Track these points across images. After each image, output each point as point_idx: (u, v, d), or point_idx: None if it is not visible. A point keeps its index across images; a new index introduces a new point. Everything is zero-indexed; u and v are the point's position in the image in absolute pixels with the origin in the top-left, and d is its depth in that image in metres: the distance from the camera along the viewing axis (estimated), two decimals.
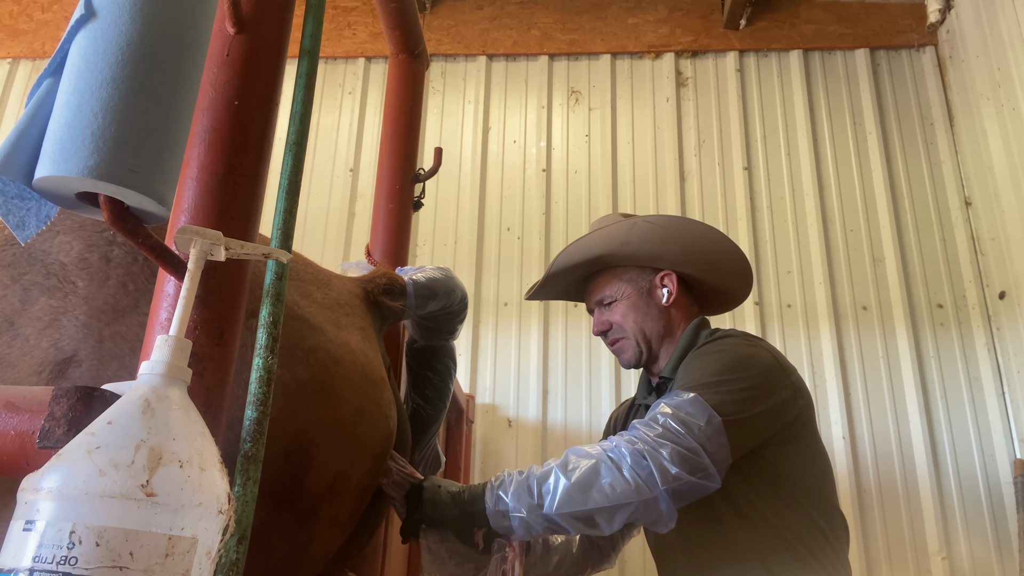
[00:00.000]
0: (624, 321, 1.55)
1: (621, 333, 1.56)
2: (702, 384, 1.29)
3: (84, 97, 0.68)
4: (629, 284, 1.57)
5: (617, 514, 1.18)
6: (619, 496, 1.17)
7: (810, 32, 3.74)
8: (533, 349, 3.27)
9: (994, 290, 3.16)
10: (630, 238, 1.53)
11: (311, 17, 1.02)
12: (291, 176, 0.94)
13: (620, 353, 1.58)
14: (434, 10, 3.90)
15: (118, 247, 0.99)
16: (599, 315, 1.60)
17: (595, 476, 1.18)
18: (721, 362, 1.35)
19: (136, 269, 0.98)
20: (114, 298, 0.95)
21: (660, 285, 1.56)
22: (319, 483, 1.04)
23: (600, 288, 1.60)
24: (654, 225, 1.54)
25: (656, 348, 1.55)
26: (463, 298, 1.50)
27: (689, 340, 1.50)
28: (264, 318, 0.87)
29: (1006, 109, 3.10)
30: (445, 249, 3.48)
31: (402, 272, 1.46)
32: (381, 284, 1.37)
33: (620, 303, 1.56)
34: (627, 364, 1.58)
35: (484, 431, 3.14)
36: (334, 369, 1.08)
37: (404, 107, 1.79)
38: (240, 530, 0.76)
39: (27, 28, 3.95)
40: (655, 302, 1.55)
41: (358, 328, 1.23)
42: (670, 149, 3.58)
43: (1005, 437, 2.98)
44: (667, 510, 1.19)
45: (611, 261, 1.58)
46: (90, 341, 0.91)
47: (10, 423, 0.70)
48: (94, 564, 0.51)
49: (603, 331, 1.59)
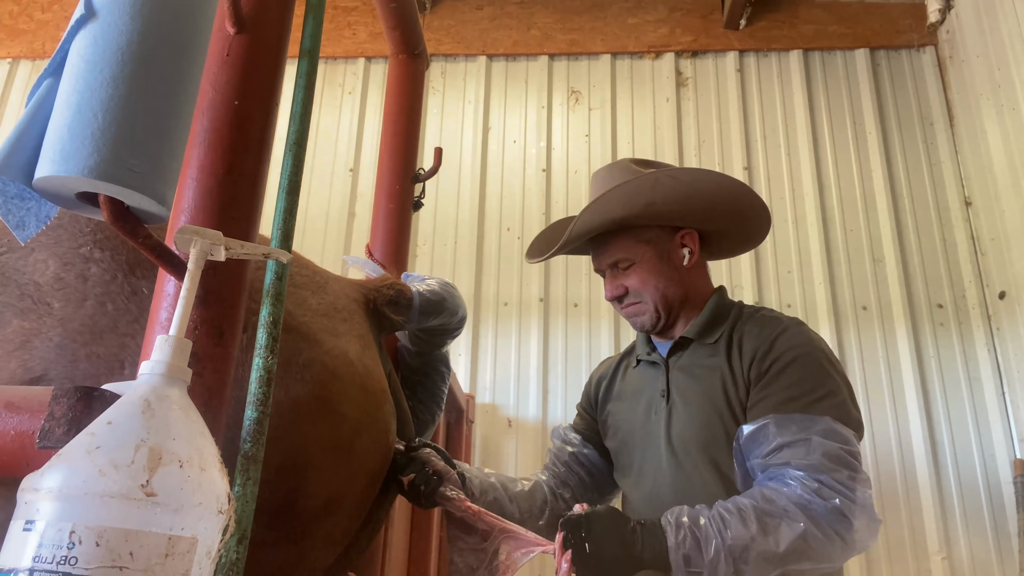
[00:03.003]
0: (643, 286, 1.44)
1: (638, 298, 1.45)
2: (818, 400, 1.27)
3: (84, 97, 0.68)
4: (649, 246, 1.45)
5: (823, 570, 1.19)
6: (822, 565, 1.17)
7: (810, 32, 3.74)
8: (533, 349, 3.27)
9: (994, 290, 3.16)
10: (654, 197, 1.40)
11: (311, 17, 1.02)
12: (291, 176, 0.94)
13: (635, 317, 1.48)
14: (434, 10, 3.90)
15: (96, 265, 0.96)
16: (613, 278, 1.48)
17: (801, 546, 1.14)
18: (818, 367, 1.32)
19: (115, 288, 0.95)
20: (91, 319, 0.92)
21: (680, 245, 1.47)
22: (313, 504, 1.00)
23: (615, 250, 1.46)
24: (678, 181, 1.42)
25: (676, 313, 1.47)
26: (463, 318, 1.47)
27: (718, 305, 1.46)
28: (264, 318, 0.87)
29: (1006, 109, 3.10)
30: (445, 249, 3.48)
31: (408, 281, 1.43)
32: (387, 295, 1.31)
33: (638, 266, 1.45)
34: (643, 329, 1.50)
35: (484, 431, 3.14)
36: (331, 384, 1.04)
37: (404, 107, 1.79)
38: (240, 530, 0.76)
39: (27, 28, 3.95)
40: (675, 264, 1.46)
41: (356, 336, 1.18)
42: (670, 149, 3.58)
43: (1005, 437, 2.98)
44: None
45: (631, 221, 1.44)
46: (62, 362, 0.88)
47: (10, 423, 0.70)
48: (94, 564, 0.50)
49: (618, 296, 1.47)
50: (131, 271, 0.96)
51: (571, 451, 1.59)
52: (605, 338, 3.26)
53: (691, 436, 1.37)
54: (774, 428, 1.25)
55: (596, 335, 3.28)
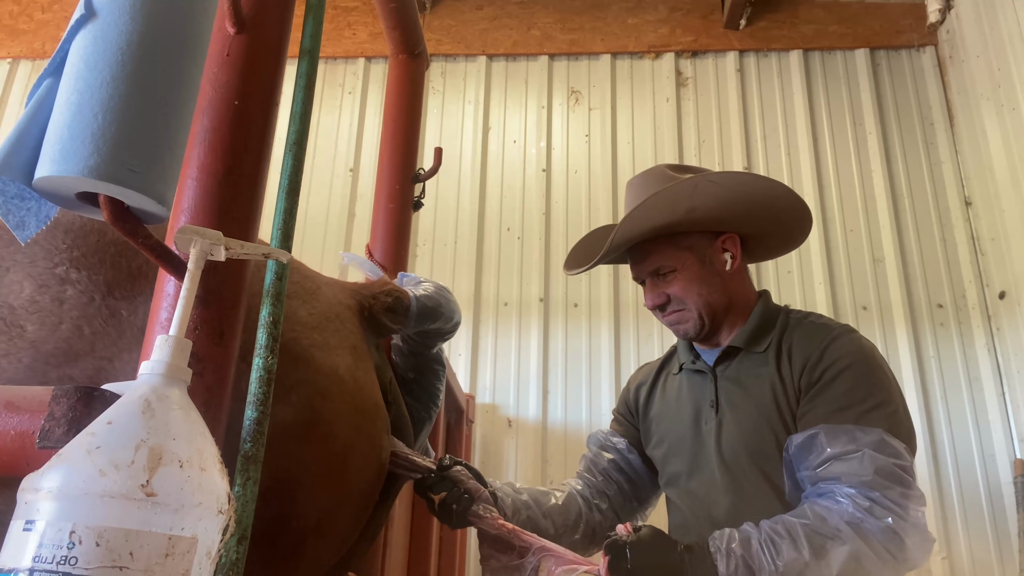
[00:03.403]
0: (686, 294, 1.41)
1: (681, 306, 1.42)
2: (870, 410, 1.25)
3: (84, 97, 0.68)
4: (691, 252, 1.42)
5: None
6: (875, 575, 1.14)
7: (810, 32, 3.74)
8: (533, 349, 3.27)
9: (994, 290, 3.16)
10: (694, 203, 1.37)
11: (311, 17, 1.02)
12: (291, 176, 0.94)
13: (678, 325, 1.45)
14: (434, 10, 3.90)
15: (72, 286, 0.93)
16: (654, 286, 1.45)
17: (855, 565, 1.12)
18: (870, 376, 1.30)
19: (92, 311, 0.92)
20: (67, 343, 0.89)
21: (722, 250, 1.44)
22: (302, 525, 0.98)
23: (656, 258, 1.43)
24: (718, 186, 1.39)
25: (720, 319, 1.44)
26: (458, 323, 1.46)
27: (764, 311, 1.44)
28: (264, 318, 0.87)
29: (1006, 109, 3.10)
30: (445, 249, 3.48)
31: (404, 284, 1.41)
32: (385, 303, 1.28)
33: (680, 273, 1.42)
34: (686, 336, 1.47)
35: (484, 431, 3.14)
36: (321, 405, 1.00)
37: (404, 107, 1.78)
38: (240, 530, 0.76)
39: (27, 28, 3.95)
40: (718, 269, 1.43)
41: (349, 348, 1.13)
42: (670, 149, 3.58)
43: (1005, 437, 2.98)
44: None
45: (674, 228, 1.42)
46: (31, 383, 0.86)
47: (10, 423, 0.70)
48: (94, 564, 0.50)
49: (660, 304, 1.44)
50: (109, 292, 0.93)
51: (610, 458, 1.56)
52: (605, 338, 3.26)
53: (742, 447, 1.35)
54: (824, 438, 1.23)
55: (596, 335, 3.28)
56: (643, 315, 3.30)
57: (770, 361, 1.38)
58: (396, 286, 1.36)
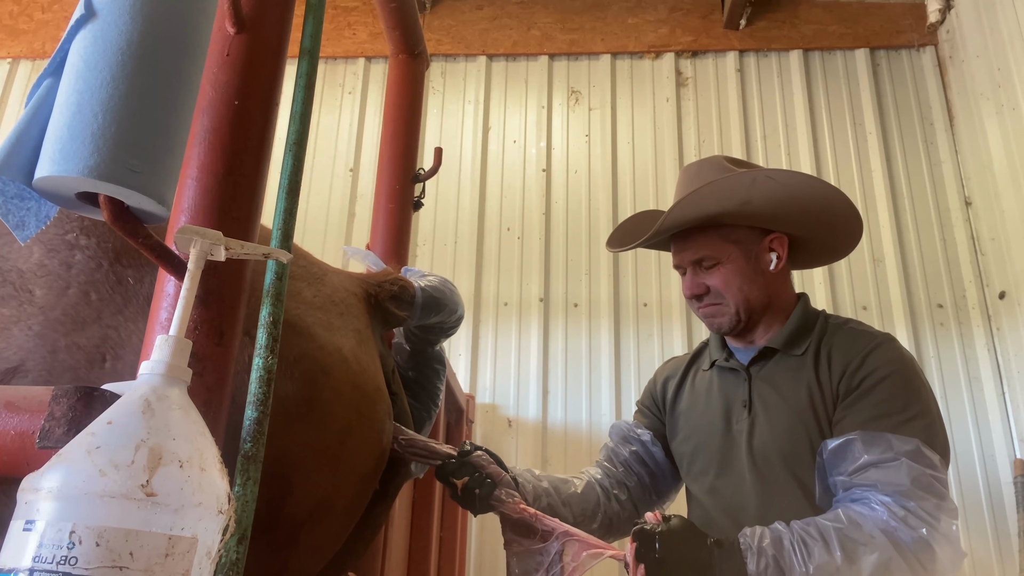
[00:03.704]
0: (726, 288, 1.40)
1: (719, 299, 1.41)
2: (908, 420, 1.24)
3: (84, 97, 0.68)
4: (737, 247, 1.41)
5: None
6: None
7: (810, 32, 3.74)
8: (533, 349, 3.27)
9: (994, 290, 3.16)
10: (751, 196, 1.36)
11: (311, 17, 1.02)
12: (291, 176, 0.94)
13: (712, 318, 1.44)
14: (434, 10, 3.90)
15: (80, 252, 0.93)
16: (694, 276, 1.43)
17: (887, 574, 1.10)
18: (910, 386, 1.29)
19: (100, 276, 0.92)
20: (74, 308, 0.89)
21: (768, 249, 1.42)
22: (298, 510, 0.96)
23: (700, 246, 1.42)
24: (776, 183, 1.37)
25: (756, 317, 1.43)
26: (461, 316, 1.46)
27: (804, 314, 1.42)
28: (264, 318, 0.87)
29: (1006, 109, 3.10)
30: (445, 249, 3.48)
31: (408, 276, 1.41)
32: (390, 291, 1.28)
33: (724, 266, 1.40)
34: (719, 330, 1.46)
35: (484, 431, 3.14)
36: (322, 381, 0.99)
37: (404, 107, 1.79)
38: (240, 530, 0.76)
39: (27, 28, 3.95)
40: (762, 268, 1.42)
41: (353, 330, 1.13)
42: (670, 149, 3.58)
43: (1005, 437, 2.98)
44: None
45: (722, 219, 1.40)
46: (41, 352, 0.86)
47: (10, 423, 0.70)
48: (94, 564, 0.50)
49: (697, 294, 1.43)
50: (117, 259, 0.93)
51: (633, 450, 1.55)
52: (605, 338, 3.26)
53: (774, 449, 1.33)
54: (861, 445, 1.22)
55: (596, 335, 3.28)
56: (643, 315, 3.30)
57: (807, 365, 1.36)
58: (401, 276, 1.36)
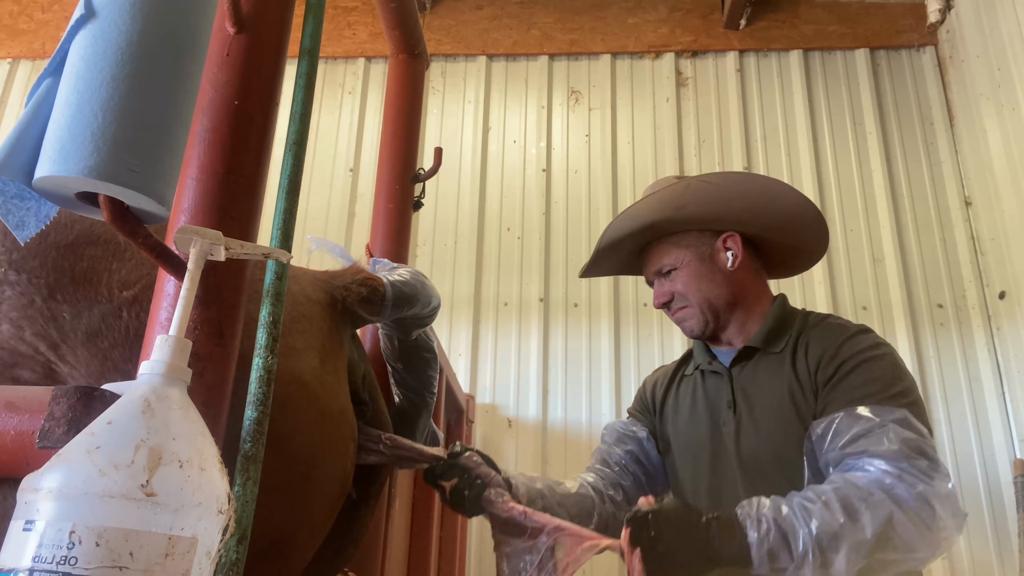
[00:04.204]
0: (687, 290, 1.45)
1: (684, 302, 1.46)
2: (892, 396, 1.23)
3: (84, 97, 0.68)
4: (688, 250, 1.46)
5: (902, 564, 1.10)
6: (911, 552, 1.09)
7: (810, 32, 3.74)
8: (533, 349, 3.27)
9: (994, 290, 3.16)
10: (684, 201, 1.41)
11: (311, 17, 1.02)
12: (291, 176, 0.94)
13: (683, 323, 1.48)
14: (434, 10, 3.90)
15: (11, 288, 0.90)
16: (659, 286, 1.50)
17: (890, 532, 1.08)
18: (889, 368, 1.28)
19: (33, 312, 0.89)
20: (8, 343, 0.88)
21: (723, 248, 1.46)
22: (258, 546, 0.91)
23: (658, 257, 1.49)
24: (709, 184, 1.42)
25: (725, 316, 1.46)
26: (436, 307, 1.42)
27: (782, 313, 1.43)
28: (264, 318, 0.87)
29: (1006, 109, 3.10)
30: (445, 249, 3.48)
31: (377, 270, 1.35)
32: (359, 293, 1.23)
33: (681, 271, 1.46)
34: (691, 334, 1.50)
35: (484, 431, 3.14)
36: (281, 417, 0.94)
37: (404, 107, 1.79)
38: (240, 530, 0.76)
39: (27, 28, 3.95)
40: (719, 267, 1.45)
41: (316, 348, 1.08)
42: (670, 149, 3.58)
43: (1005, 437, 2.98)
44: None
45: (666, 228, 1.46)
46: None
47: (10, 423, 0.70)
48: (94, 564, 0.50)
49: (665, 303, 1.48)
50: (51, 295, 0.90)
51: (628, 449, 1.54)
52: (605, 338, 3.26)
53: (761, 447, 1.33)
54: (848, 420, 1.21)
55: (596, 335, 3.28)
56: (643, 315, 3.30)
57: (786, 361, 1.37)
58: (369, 274, 1.30)
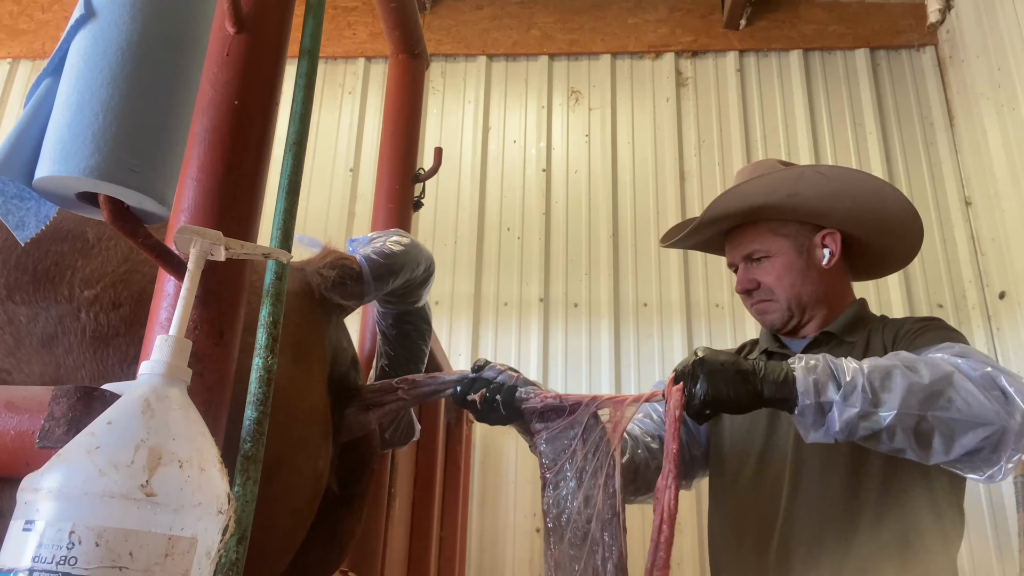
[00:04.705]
0: (777, 283, 1.40)
1: (770, 295, 1.41)
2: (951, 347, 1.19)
3: (84, 97, 0.68)
4: (788, 240, 1.40)
5: (967, 435, 1.02)
6: (975, 413, 1.01)
7: (810, 32, 3.74)
8: (533, 349, 3.27)
9: (994, 290, 3.16)
10: (797, 189, 1.36)
11: (311, 17, 1.02)
12: (291, 176, 0.94)
13: (764, 315, 1.43)
14: (434, 10, 3.90)
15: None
16: (746, 271, 1.43)
17: (948, 384, 1.03)
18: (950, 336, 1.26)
19: None
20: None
21: (821, 244, 1.41)
22: None
23: (751, 240, 1.43)
24: (825, 177, 1.37)
25: (809, 314, 1.41)
26: (428, 267, 1.31)
27: (862, 311, 1.41)
28: (264, 318, 0.87)
29: (1006, 109, 3.09)
30: (445, 249, 3.48)
31: (353, 248, 1.26)
32: (330, 277, 1.15)
33: (774, 260, 1.40)
34: (771, 327, 1.45)
35: (484, 431, 3.13)
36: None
37: (404, 107, 1.79)
38: (240, 530, 0.76)
39: (27, 28, 3.95)
40: (814, 263, 1.40)
41: (289, 345, 1.01)
42: (670, 149, 3.58)
43: None
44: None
45: (770, 213, 1.40)
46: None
47: (10, 423, 0.70)
48: (94, 564, 0.50)
49: (748, 289, 1.42)
50: (8, 296, 0.86)
51: None
52: (605, 338, 3.26)
53: None
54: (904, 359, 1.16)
55: (596, 335, 3.28)
56: (643, 315, 3.30)
57: (857, 349, 1.35)
58: (339, 253, 1.21)
